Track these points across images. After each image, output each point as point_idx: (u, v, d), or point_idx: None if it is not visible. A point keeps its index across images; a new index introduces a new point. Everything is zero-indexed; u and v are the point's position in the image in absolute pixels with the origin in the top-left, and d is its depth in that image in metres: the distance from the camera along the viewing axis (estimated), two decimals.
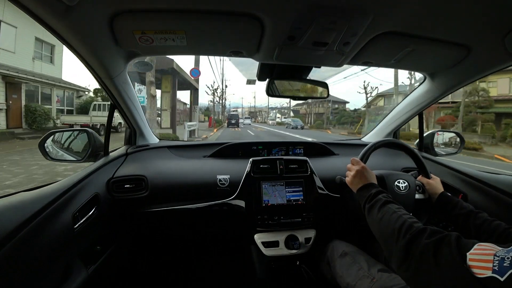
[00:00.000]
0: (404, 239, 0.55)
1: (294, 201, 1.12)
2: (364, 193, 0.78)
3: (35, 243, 0.66)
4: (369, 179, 0.83)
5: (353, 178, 0.85)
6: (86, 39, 0.69)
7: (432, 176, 0.98)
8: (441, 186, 0.95)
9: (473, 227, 0.76)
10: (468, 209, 0.81)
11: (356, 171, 0.85)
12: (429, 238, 0.51)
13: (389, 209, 0.66)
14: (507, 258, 0.41)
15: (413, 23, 0.70)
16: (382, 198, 0.72)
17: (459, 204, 0.84)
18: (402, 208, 0.67)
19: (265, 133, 19.34)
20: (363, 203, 0.77)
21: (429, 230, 0.53)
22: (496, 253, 0.42)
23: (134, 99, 1.12)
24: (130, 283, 1.33)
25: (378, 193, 0.75)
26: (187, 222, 1.27)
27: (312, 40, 0.74)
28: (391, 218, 0.63)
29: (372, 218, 0.70)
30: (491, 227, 0.72)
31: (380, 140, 0.99)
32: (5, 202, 0.66)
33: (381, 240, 0.65)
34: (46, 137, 1.06)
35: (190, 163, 1.26)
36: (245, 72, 1.25)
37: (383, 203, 0.69)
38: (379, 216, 0.67)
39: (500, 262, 0.41)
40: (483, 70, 0.95)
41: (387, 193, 0.76)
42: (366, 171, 0.85)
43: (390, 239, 0.60)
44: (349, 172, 0.89)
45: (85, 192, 0.89)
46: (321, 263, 1.09)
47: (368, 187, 0.80)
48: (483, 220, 0.75)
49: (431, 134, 1.40)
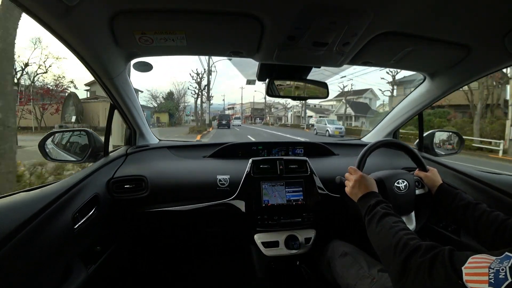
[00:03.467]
0: (400, 257, 0.55)
1: (294, 201, 1.12)
2: (364, 203, 0.78)
3: (35, 243, 0.66)
4: (368, 187, 0.81)
5: (352, 189, 0.84)
6: (86, 39, 0.69)
7: (429, 168, 0.98)
8: (439, 178, 0.94)
9: (472, 219, 0.76)
10: (467, 201, 0.81)
11: (354, 181, 0.84)
12: (423, 256, 0.51)
13: (387, 223, 0.66)
14: (501, 270, 0.41)
15: (413, 23, 0.70)
16: (380, 210, 0.71)
17: (458, 196, 0.84)
18: (400, 220, 0.67)
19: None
20: (363, 214, 0.76)
21: (423, 248, 0.53)
22: (490, 265, 0.43)
23: (134, 100, 1.12)
24: (130, 283, 1.33)
25: (376, 204, 0.74)
26: (187, 222, 1.27)
27: (312, 40, 0.74)
28: (388, 234, 0.63)
29: (371, 231, 0.69)
30: (490, 219, 0.72)
31: (372, 144, 0.96)
32: (5, 202, 0.66)
33: (379, 254, 0.65)
34: (46, 137, 1.06)
35: (190, 163, 1.26)
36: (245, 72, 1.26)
37: (381, 216, 0.69)
38: (377, 230, 0.67)
39: (495, 274, 0.41)
40: (483, 70, 0.95)
41: (386, 202, 0.75)
42: (364, 179, 0.83)
43: (387, 255, 0.60)
44: (347, 182, 0.88)
45: (85, 193, 0.89)
46: (321, 263, 1.09)
47: (367, 197, 0.78)
48: (482, 211, 0.75)
49: (431, 134, 1.40)
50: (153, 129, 6.77)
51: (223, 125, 23.78)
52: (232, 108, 57.21)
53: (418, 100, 1.26)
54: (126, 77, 1.00)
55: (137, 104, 1.17)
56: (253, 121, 45.45)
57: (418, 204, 0.94)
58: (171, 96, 27.69)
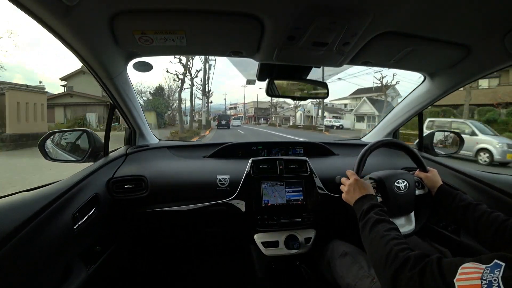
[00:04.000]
0: (390, 270, 0.55)
1: (294, 201, 1.12)
2: (358, 207, 0.78)
3: (35, 243, 0.66)
4: (362, 191, 0.81)
5: (347, 195, 0.85)
6: (86, 39, 0.69)
7: (429, 169, 0.98)
8: (439, 179, 0.95)
9: (472, 220, 0.76)
10: (467, 201, 0.81)
11: (348, 185, 0.84)
12: (412, 270, 0.51)
13: (378, 232, 0.65)
14: (494, 280, 0.41)
15: (413, 23, 0.70)
16: (373, 216, 0.70)
17: (458, 196, 0.84)
18: (393, 228, 0.66)
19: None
20: (358, 219, 0.76)
21: (412, 260, 0.53)
22: (482, 276, 0.43)
23: (134, 100, 1.12)
24: (130, 283, 1.33)
25: (370, 209, 0.73)
26: (187, 222, 1.27)
27: (312, 40, 0.74)
28: (379, 244, 0.62)
29: (364, 237, 0.69)
30: (490, 219, 0.72)
31: (371, 144, 0.95)
32: (5, 202, 0.66)
33: (372, 264, 0.65)
34: (46, 137, 1.06)
35: (190, 163, 1.26)
36: (245, 72, 1.26)
37: (374, 223, 0.68)
38: (370, 238, 0.67)
39: (488, 285, 0.41)
40: (483, 70, 0.95)
41: (381, 206, 0.74)
42: (359, 182, 0.83)
43: (378, 266, 0.60)
44: (343, 187, 0.88)
45: (85, 193, 0.89)
46: (321, 263, 1.09)
47: (361, 201, 0.78)
48: (482, 212, 0.75)
49: (431, 134, 1.40)
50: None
51: (222, 125, 23.65)
52: (234, 107, 54.44)
53: (418, 100, 1.26)
54: (126, 77, 1.00)
55: (137, 104, 1.17)
56: (257, 122, 43.16)
57: (418, 205, 0.94)
58: (161, 91, 22.61)
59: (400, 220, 0.94)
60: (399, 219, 0.94)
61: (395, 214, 0.92)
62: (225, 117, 25.55)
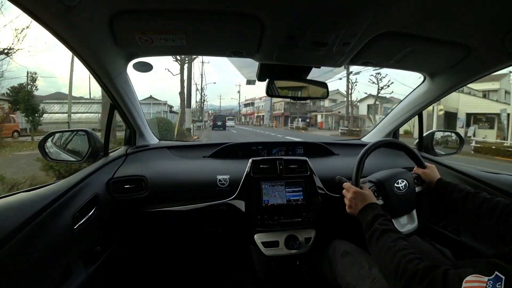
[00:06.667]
0: (400, 283, 0.55)
1: (294, 201, 1.12)
2: (362, 218, 0.77)
3: (35, 243, 0.66)
4: (363, 201, 0.80)
5: (349, 209, 0.84)
6: (86, 39, 0.69)
7: (427, 165, 0.98)
8: (437, 173, 0.95)
9: (473, 209, 0.76)
10: (466, 191, 0.81)
11: (349, 200, 0.84)
12: (420, 284, 0.52)
13: (385, 243, 0.65)
14: None
15: (413, 23, 0.70)
16: (378, 228, 0.69)
17: (457, 188, 0.84)
18: (400, 237, 0.66)
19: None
20: (363, 230, 0.75)
21: (419, 274, 0.53)
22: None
23: (134, 100, 1.12)
24: (130, 283, 1.33)
25: (374, 220, 0.72)
26: (187, 222, 1.27)
27: (312, 40, 0.74)
28: (386, 256, 0.62)
29: (372, 249, 0.69)
30: (491, 206, 0.71)
31: (371, 144, 0.94)
32: (5, 202, 0.66)
33: (382, 275, 0.65)
34: (46, 137, 1.06)
35: (190, 163, 1.26)
36: (245, 72, 1.26)
37: (380, 234, 0.68)
38: (377, 249, 0.66)
39: None
40: (483, 70, 0.95)
41: (384, 215, 0.73)
42: (359, 193, 0.83)
43: (388, 280, 0.61)
44: (346, 200, 0.87)
45: (85, 193, 0.89)
46: (322, 262, 1.09)
47: (364, 211, 0.78)
48: (482, 199, 0.75)
49: (431, 134, 1.40)
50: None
51: (218, 126, 23.26)
52: (250, 104, 41.27)
53: (418, 100, 1.26)
54: (126, 77, 1.00)
55: (137, 104, 1.17)
56: (292, 123, 27.45)
57: (419, 202, 0.95)
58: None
59: (403, 219, 0.94)
60: (402, 218, 0.94)
61: (397, 214, 0.92)
62: (221, 117, 24.99)
